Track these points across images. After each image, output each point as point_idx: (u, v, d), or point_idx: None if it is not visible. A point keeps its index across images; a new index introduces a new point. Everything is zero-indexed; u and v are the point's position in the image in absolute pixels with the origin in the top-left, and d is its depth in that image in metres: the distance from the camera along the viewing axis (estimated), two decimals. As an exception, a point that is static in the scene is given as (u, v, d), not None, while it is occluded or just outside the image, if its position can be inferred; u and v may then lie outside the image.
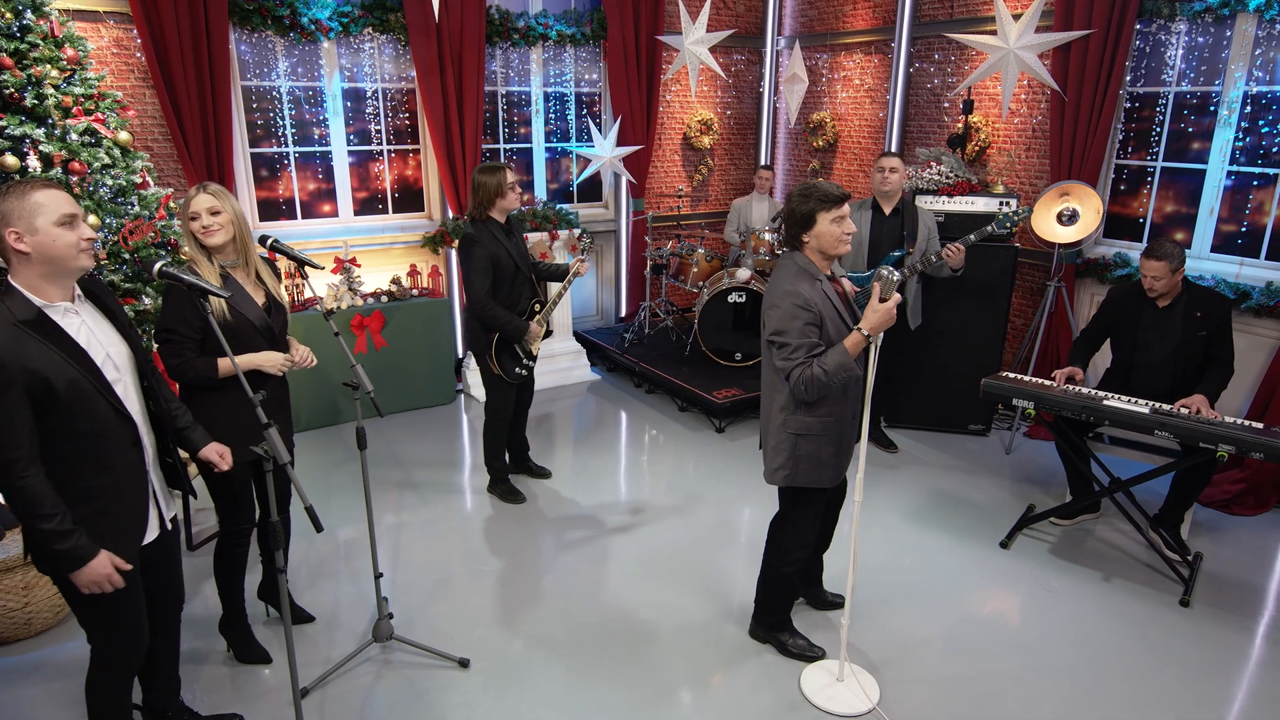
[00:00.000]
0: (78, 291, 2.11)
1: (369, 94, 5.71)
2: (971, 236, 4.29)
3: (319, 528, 2.16)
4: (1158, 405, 3.51)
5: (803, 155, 7.28)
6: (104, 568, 2.04)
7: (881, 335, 2.55)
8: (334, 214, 5.83)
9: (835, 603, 3.42)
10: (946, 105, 5.88)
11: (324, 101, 5.57)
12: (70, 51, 3.85)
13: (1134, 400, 3.60)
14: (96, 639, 2.24)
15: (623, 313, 7.16)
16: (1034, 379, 3.87)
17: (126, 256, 4.00)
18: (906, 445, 5.09)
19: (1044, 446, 5.05)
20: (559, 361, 6.23)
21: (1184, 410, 3.46)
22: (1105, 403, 3.56)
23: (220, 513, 2.87)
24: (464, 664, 3.05)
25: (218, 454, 2.43)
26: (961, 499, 4.41)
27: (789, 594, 3.08)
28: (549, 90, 6.43)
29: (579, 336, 6.60)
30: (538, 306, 4.23)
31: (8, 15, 3.66)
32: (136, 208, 4.08)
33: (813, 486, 2.78)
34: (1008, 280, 4.91)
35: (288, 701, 2.85)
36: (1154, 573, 3.70)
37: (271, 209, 5.62)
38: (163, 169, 5.10)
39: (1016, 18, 4.89)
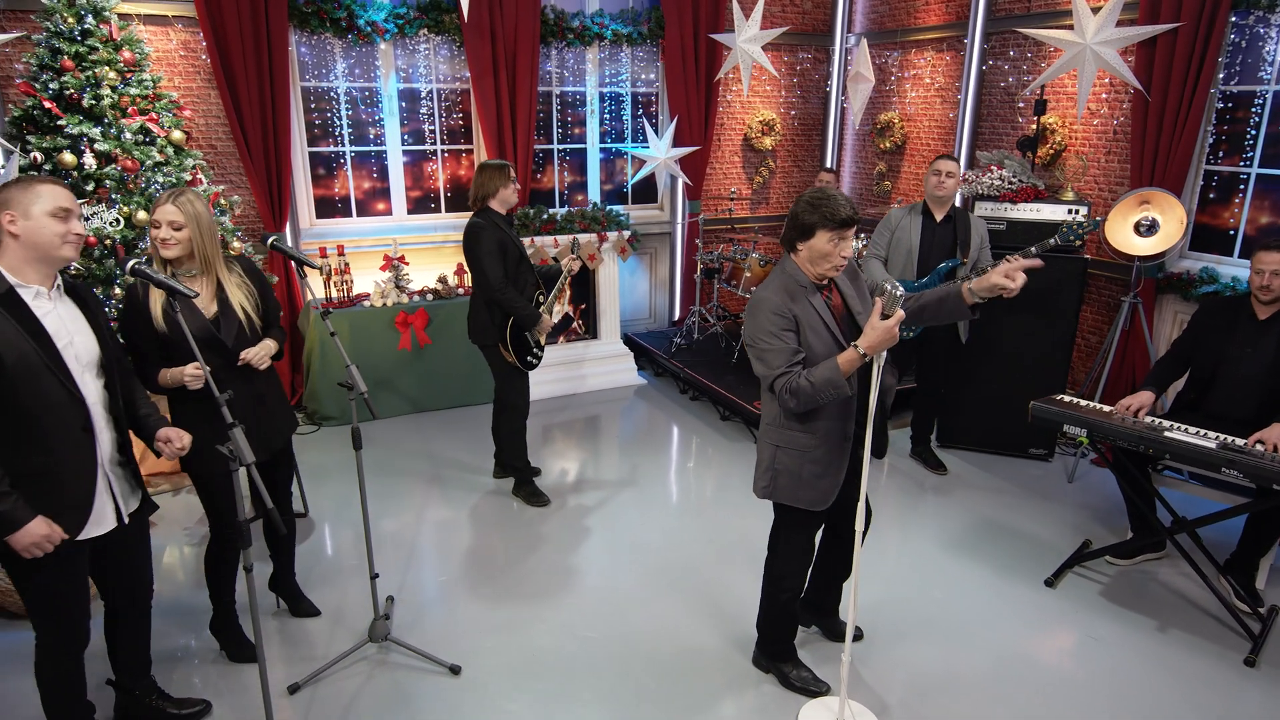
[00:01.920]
0: (58, 283, 2.19)
1: (423, 94, 5.80)
2: (1033, 249, 3.97)
3: (281, 530, 2.15)
4: (1226, 439, 3.14)
5: (869, 158, 6.98)
6: (39, 530, 2.07)
7: (884, 354, 2.35)
8: (388, 212, 5.95)
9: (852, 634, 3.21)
10: (1021, 106, 5.50)
11: (380, 102, 5.68)
12: (127, 54, 4.02)
13: (1201, 433, 3.23)
14: (41, 628, 2.28)
15: (676, 316, 7.05)
16: (1089, 403, 3.55)
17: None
18: (958, 467, 4.77)
19: (1113, 477, 4.64)
20: (606, 364, 6.17)
21: (1259, 446, 3.09)
22: (1167, 434, 3.21)
23: (209, 517, 2.88)
24: (455, 670, 3.01)
25: (171, 436, 2.38)
26: (1010, 529, 4.09)
27: (788, 622, 2.90)
28: (604, 90, 6.38)
29: (628, 340, 6.52)
30: (540, 297, 4.19)
31: (69, 20, 3.85)
32: (187, 204, 4.23)
33: (794, 506, 2.61)
34: (1075, 294, 4.53)
35: (279, 694, 2.88)
36: (1219, 625, 3.32)
37: (328, 206, 5.77)
38: (225, 167, 5.30)
39: (1097, 11, 4.52)
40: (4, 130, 4.06)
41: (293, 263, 3.13)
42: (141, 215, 3.96)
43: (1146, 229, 4.39)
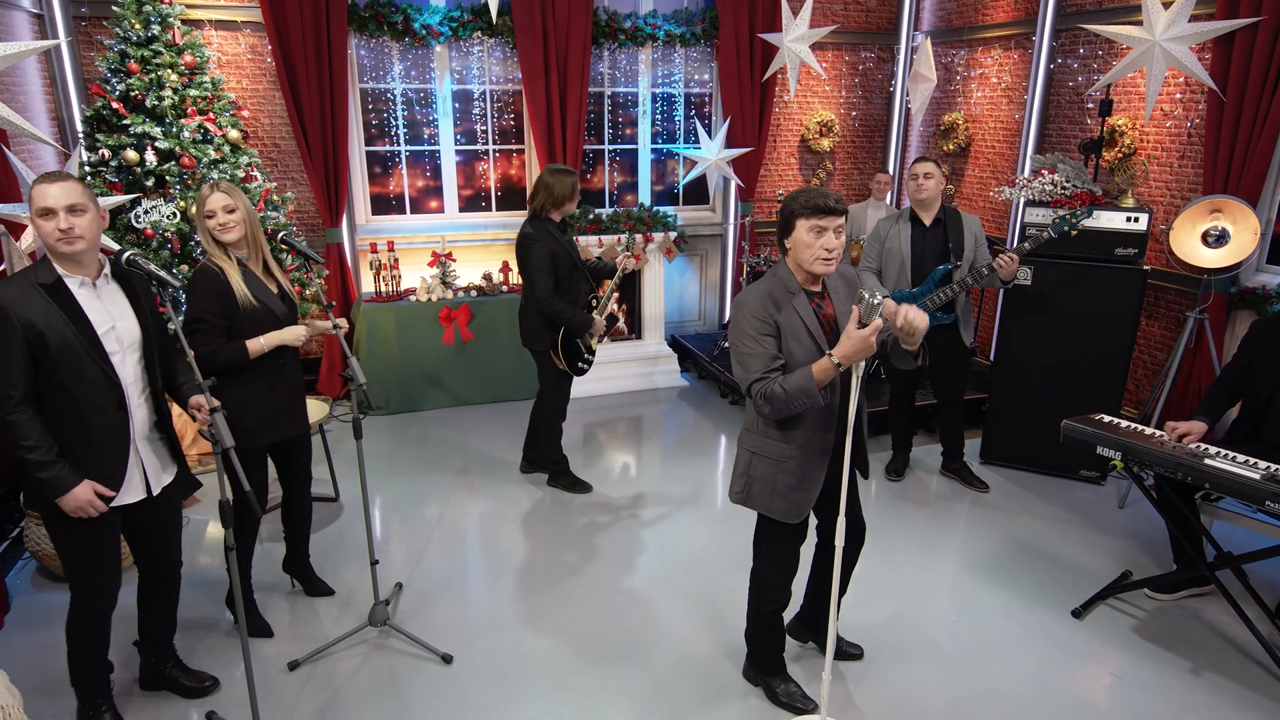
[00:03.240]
0: (105, 272, 2.39)
1: (476, 95, 5.94)
2: (1025, 245, 3.91)
3: (256, 512, 2.24)
4: (1276, 470, 2.88)
5: (938, 160, 6.71)
6: (85, 494, 2.30)
7: (862, 364, 2.26)
8: (440, 210, 6.12)
9: (851, 653, 3.11)
10: (1090, 106, 5.19)
11: (434, 103, 5.85)
12: (188, 58, 4.28)
13: (1251, 462, 2.97)
14: (74, 585, 2.48)
15: (725, 319, 6.98)
16: (1128, 424, 3.32)
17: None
18: (1000, 486, 4.55)
19: (1169, 504, 4.32)
20: (648, 365, 6.17)
21: (1312, 480, 2.82)
22: (1207, 461, 2.97)
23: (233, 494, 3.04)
24: (447, 659, 3.07)
25: (201, 403, 2.46)
26: (1046, 554, 3.87)
27: (773, 635, 2.83)
28: (657, 91, 6.38)
29: (674, 342, 6.50)
30: (594, 301, 4.24)
31: (137, 26, 4.13)
32: (240, 199, 4.46)
33: (768, 516, 2.54)
34: (1133, 306, 4.24)
35: (280, 670, 3.01)
36: (1262, 672, 3.05)
37: (383, 204, 5.98)
38: (288, 165, 5.57)
39: (1168, 5, 4.22)
40: (83, 129, 4.37)
41: (347, 258, 3.30)
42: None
43: (1215, 240, 4.07)
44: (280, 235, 2.96)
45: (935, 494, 4.47)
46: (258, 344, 2.83)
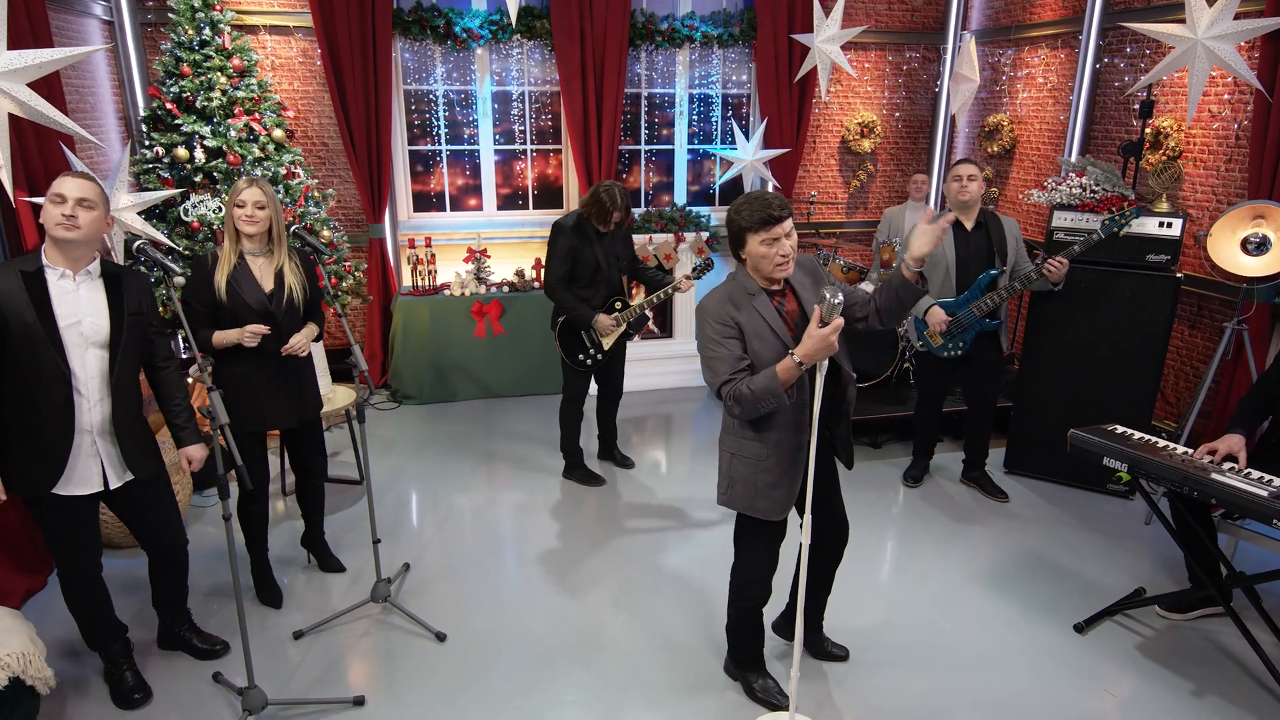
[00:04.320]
0: (89, 269, 2.49)
1: (515, 97, 6.09)
2: (1075, 248, 3.79)
3: (246, 486, 2.40)
4: (1286, 487, 2.75)
5: (978, 162, 6.56)
6: None
7: (826, 363, 2.28)
8: (479, 208, 6.30)
9: (836, 654, 3.11)
10: (1135, 108, 5.00)
11: (474, 104, 6.03)
12: (237, 61, 4.54)
13: (1264, 479, 2.85)
14: (56, 563, 2.68)
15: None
16: (1140, 436, 3.22)
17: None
18: (1022, 496, 4.44)
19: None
20: (677, 364, 6.22)
21: (1327, 500, 2.69)
22: (1214, 476, 2.86)
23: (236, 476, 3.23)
24: (441, 638, 3.20)
25: (190, 454, 2.67)
26: (1058, 567, 3.77)
27: (752, 632, 2.85)
28: (694, 92, 6.41)
29: (705, 341, 6.53)
30: (619, 305, 4.30)
31: (190, 32, 4.41)
32: (282, 196, 4.72)
33: (750, 515, 2.57)
34: (1164, 314, 4.08)
35: (285, 639, 3.20)
36: (1270, 699, 2.92)
37: (424, 201, 6.20)
38: (335, 163, 5.83)
39: (1212, 2, 4.05)
40: (145, 128, 4.68)
41: (386, 253, 3.46)
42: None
43: (1255, 247, 3.90)
44: (292, 229, 3.13)
45: (952, 502, 4.39)
46: (217, 338, 2.99)
